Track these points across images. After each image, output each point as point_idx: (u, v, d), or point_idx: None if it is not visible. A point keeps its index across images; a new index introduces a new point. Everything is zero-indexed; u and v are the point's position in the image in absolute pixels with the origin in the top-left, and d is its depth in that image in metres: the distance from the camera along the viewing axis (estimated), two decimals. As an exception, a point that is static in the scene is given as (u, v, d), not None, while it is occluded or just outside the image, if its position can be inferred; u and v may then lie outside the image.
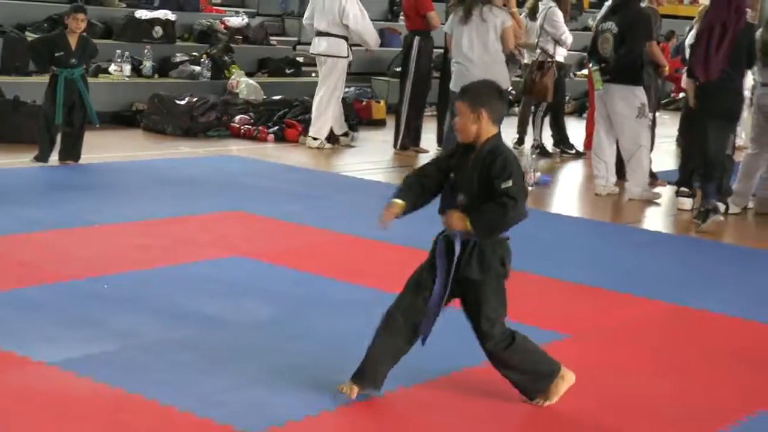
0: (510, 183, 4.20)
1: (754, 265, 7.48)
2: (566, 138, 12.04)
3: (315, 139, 11.14)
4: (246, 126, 11.58)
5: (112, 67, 12.02)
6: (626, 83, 9.30)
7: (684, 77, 9.37)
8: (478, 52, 9.33)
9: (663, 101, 11.35)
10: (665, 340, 5.49)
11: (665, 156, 11.59)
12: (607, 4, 10.36)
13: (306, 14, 11.60)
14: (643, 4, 9.75)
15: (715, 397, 4.71)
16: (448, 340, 5.19)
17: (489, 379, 4.63)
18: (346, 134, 11.61)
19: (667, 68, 9.61)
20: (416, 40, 11.11)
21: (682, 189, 9.33)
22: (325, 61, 11.26)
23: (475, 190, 4.29)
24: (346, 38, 11.20)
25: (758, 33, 9.18)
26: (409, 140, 11.29)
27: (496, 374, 4.66)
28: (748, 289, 6.72)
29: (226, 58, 13.01)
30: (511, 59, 10.81)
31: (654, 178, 10.05)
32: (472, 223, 4.24)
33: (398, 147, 11.28)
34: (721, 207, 9.07)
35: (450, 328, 5.39)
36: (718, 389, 4.82)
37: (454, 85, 9.55)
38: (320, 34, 11.25)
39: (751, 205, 9.36)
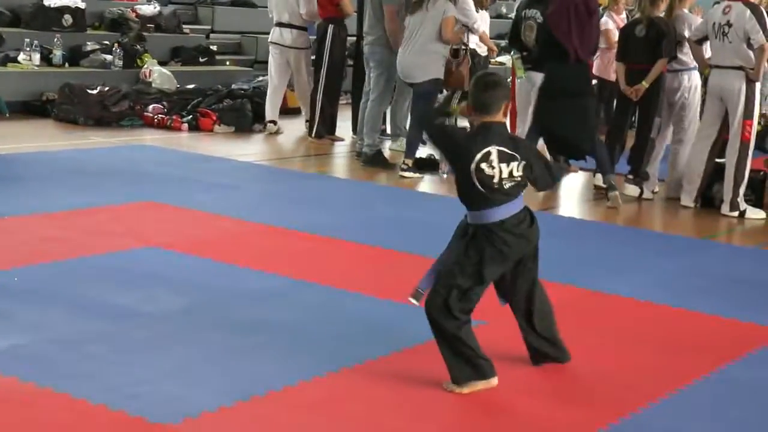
0: None
1: (663, 250, 7.59)
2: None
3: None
4: (159, 115, 11.45)
5: (21, 56, 11.78)
6: None
7: (615, 64, 9.57)
8: (414, 43, 9.45)
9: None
10: (578, 325, 5.54)
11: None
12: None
13: (268, 6, 11.58)
14: None
15: (627, 380, 4.78)
16: (362, 328, 5.21)
17: (404, 367, 4.66)
18: (274, 122, 11.60)
19: None
20: (330, 28, 11.08)
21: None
22: (290, 53, 11.30)
23: None
24: (306, 29, 11.27)
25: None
26: (324, 128, 11.27)
27: (411, 362, 4.71)
28: (658, 273, 6.82)
29: (139, 46, 12.85)
30: None
31: (567, 164, 10.16)
32: None
33: (314, 135, 11.25)
34: (636, 191, 9.25)
35: (363, 317, 5.41)
36: (629, 372, 4.89)
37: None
38: (282, 25, 11.28)
39: (657, 189, 9.52)
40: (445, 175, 9.64)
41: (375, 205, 8.41)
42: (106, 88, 11.35)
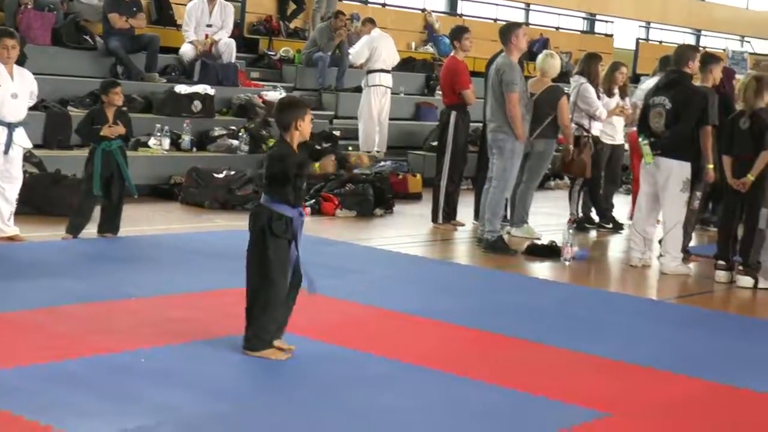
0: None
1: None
2: (603, 212, 11.98)
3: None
4: (283, 199, 11.60)
5: (152, 141, 12.16)
6: (677, 158, 9.33)
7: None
8: None
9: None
10: (710, 420, 5.38)
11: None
12: (649, 80, 10.52)
13: None
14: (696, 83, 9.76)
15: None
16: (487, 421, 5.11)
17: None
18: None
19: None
20: (453, 114, 11.14)
21: (720, 262, 9.30)
22: None
23: None
24: None
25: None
26: (446, 214, 11.28)
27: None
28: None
29: (264, 131, 13.13)
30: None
31: (687, 254, 10.01)
32: None
33: (438, 220, 11.27)
34: (750, 282, 9.02)
35: (485, 407, 5.31)
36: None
37: None
38: None
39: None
40: (567, 263, 9.56)
41: (496, 291, 8.35)
42: (232, 172, 11.60)
